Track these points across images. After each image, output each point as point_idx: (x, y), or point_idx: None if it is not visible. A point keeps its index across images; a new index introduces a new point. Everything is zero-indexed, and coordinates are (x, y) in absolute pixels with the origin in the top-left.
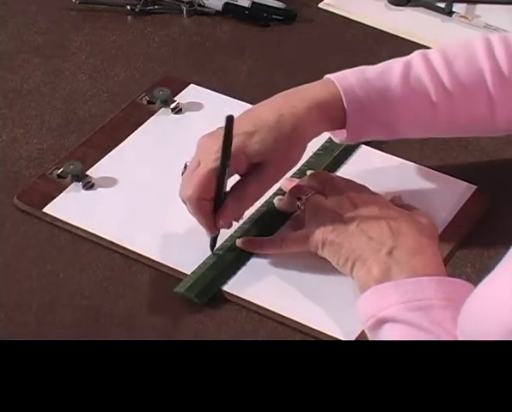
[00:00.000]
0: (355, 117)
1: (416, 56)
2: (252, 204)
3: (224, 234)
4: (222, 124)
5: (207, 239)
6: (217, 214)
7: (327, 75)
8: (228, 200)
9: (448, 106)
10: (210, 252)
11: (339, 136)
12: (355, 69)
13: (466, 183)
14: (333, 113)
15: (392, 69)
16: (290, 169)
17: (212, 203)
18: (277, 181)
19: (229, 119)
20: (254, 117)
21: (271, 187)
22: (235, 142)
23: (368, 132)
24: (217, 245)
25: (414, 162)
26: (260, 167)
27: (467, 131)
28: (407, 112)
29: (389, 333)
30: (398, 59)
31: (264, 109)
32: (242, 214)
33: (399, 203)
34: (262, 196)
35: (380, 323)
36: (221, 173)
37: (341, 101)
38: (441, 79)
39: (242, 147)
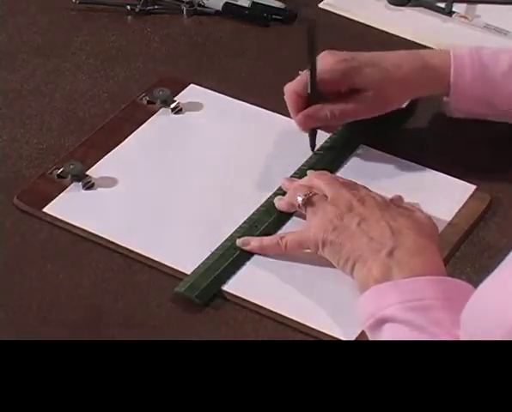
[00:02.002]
0: (457, 82)
1: None
2: (340, 117)
3: (224, 234)
4: (222, 124)
5: (207, 239)
6: (310, 108)
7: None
8: (314, 106)
9: None
10: (210, 252)
11: (448, 106)
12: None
13: (466, 183)
14: (441, 76)
15: (506, 50)
16: (384, 110)
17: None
18: (367, 114)
19: (311, 23)
20: (378, 56)
21: (360, 116)
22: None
23: (470, 102)
24: (217, 245)
25: (414, 162)
26: (359, 96)
27: None
28: (506, 95)
29: (388, 333)
30: None
31: (390, 54)
32: (316, 123)
33: (399, 203)
34: (344, 121)
35: (380, 323)
36: (311, 71)
37: (450, 67)
38: None
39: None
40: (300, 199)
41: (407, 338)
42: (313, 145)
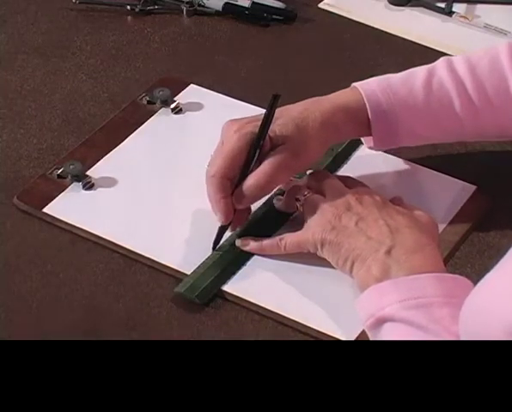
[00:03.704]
0: (378, 121)
1: (440, 62)
2: (269, 187)
3: (224, 234)
4: (222, 124)
5: (207, 239)
6: (235, 190)
7: (353, 84)
8: (246, 178)
9: (472, 115)
10: (210, 252)
11: (369, 143)
12: (380, 76)
13: (466, 183)
14: (358, 118)
15: (415, 74)
16: (308, 163)
17: (233, 185)
18: (293, 170)
19: (275, 97)
20: (282, 109)
21: (287, 175)
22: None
23: (395, 138)
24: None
25: (414, 162)
26: (279, 149)
27: (497, 137)
28: (430, 119)
29: (389, 332)
30: (423, 66)
31: (292, 105)
32: (258, 194)
33: (399, 203)
34: (278, 181)
35: (380, 322)
36: (254, 148)
37: (365, 107)
38: (465, 86)
39: None
40: (297, 201)
41: (408, 336)
42: (218, 242)
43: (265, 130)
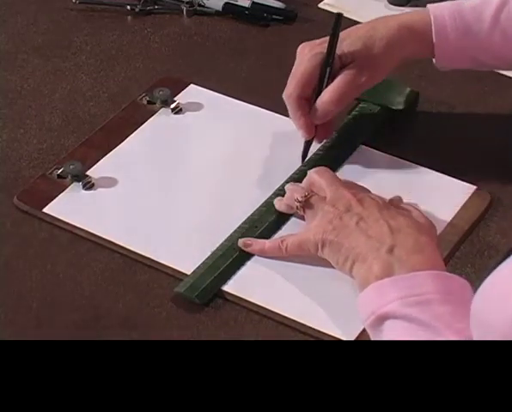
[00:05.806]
0: (441, 44)
1: None
2: (342, 102)
3: (224, 234)
4: (222, 124)
5: (207, 239)
6: (312, 107)
7: (428, 5)
8: (321, 95)
9: None
10: (210, 252)
11: (434, 61)
12: (454, 1)
13: (465, 183)
14: (423, 38)
15: (488, 3)
16: (376, 80)
17: (310, 104)
18: (363, 86)
19: (338, 15)
20: (349, 30)
21: (357, 90)
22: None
23: (456, 61)
24: (217, 245)
25: (414, 162)
26: (349, 66)
27: None
28: (492, 49)
29: (390, 329)
30: None
31: (359, 25)
32: (332, 109)
33: (399, 204)
34: (349, 97)
35: (381, 320)
36: (324, 66)
37: (431, 28)
38: None
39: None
40: (298, 202)
41: (410, 333)
42: (305, 155)
43: (332, 49)
